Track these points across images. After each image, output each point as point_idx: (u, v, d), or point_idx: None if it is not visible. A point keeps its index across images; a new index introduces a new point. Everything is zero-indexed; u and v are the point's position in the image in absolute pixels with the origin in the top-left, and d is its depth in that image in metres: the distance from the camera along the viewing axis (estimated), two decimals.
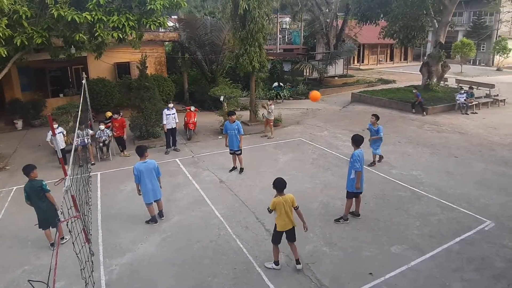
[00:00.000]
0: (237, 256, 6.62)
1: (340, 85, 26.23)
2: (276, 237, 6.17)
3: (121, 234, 7.45)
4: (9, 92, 17.53)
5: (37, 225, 6.96)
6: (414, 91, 19.58)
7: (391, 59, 43.50)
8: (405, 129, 14.95)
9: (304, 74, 26.00)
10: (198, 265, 6.43)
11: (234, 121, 10.25)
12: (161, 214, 8.05)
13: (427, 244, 6.84)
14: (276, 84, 22.54)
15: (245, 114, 16.13)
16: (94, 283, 4.07)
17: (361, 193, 7.69)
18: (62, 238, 7.19)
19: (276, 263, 6.27)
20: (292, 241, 6.19)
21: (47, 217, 6.89)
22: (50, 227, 7.04)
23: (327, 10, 29.71)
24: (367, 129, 10.99)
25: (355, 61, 39.85)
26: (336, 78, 27.59)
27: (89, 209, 7.48)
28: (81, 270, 4.00)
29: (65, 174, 3.69)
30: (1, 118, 17.01)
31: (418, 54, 44.28)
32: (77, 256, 4.00)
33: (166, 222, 7.93)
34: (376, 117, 10.58)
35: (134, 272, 6.31)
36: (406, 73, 33.58)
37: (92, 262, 4.52)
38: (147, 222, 7.87)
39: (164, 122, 12.29)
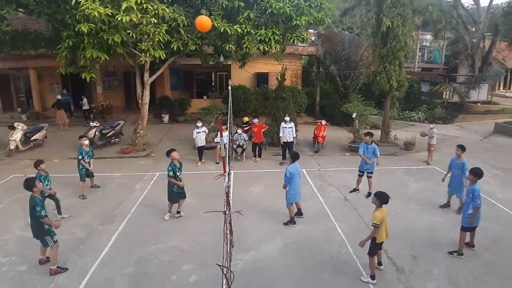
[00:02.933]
0: (355, 280, 6.43)
1: (482, 113, 23.26)
2: (375, 249, 6.31)
3: (248, 232, 7.93)
4: (160, 89, 20.40)
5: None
6: None
7: None
8: None
9: (443, 96, 23.83)
10: (317, 278, 6.44)
11: (371, 143, 9.94)
12: (300, 213, 8.55)
13: None
14: None
15: (376, 133, 15.54)
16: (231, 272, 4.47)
17: (476, 227, 7.12)
18: None
19: (373, 277, 6.27)
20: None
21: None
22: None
23: (473, 30, 26.74)
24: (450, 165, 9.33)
25: (501, 87, 34.77)
26: (479, 104, 24.52)
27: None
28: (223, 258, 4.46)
29: (225, 171, 4.13)
30: (151, 111, 19.89)
31: None
32: (226, 244, 4.45)
33: (290, 229, 8.17)
34: (462, 148, 9.05)
35: (255, 270, 6.66)
36: None
37: (231, 254, 4.94)
38: (286, 223, 8.30)
39: (281, 134, 12.65)
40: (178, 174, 8.41)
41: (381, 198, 6.14)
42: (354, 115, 14.56)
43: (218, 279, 6.26)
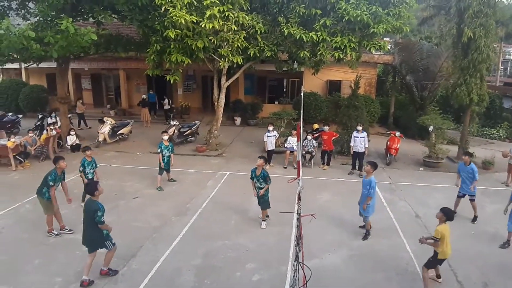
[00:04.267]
0: None
1: None
2: (434, 263, 6.29)
3: (312, 240, 7.94)
4: (234, 93, 21.18)
5: None
6: None
7: None
8: None
9: None
10: None
11: (470, 163, 9.09)
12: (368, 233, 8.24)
13: None
14: None
15: (452, 149, 14.57)
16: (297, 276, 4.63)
17: None
18: None
19: None
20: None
21: None
22: None
23: None
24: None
25: None
26: None
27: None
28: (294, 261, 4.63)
29: (298, 176, 4.30)
30: (224, 113, 20.71)
31: None
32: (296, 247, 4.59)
33: (356, 241, 8.08)
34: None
35: (316, 278, 6.65)
36: None
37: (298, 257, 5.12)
38: (364, 238, 8.13)
39: (352, 144, 12.36)
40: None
41: (447, 214, 6.08)
42: (430, 129, 13.79)
43: (280, 281, 6.48)
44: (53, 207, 7.72)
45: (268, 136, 12.84)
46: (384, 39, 25.19)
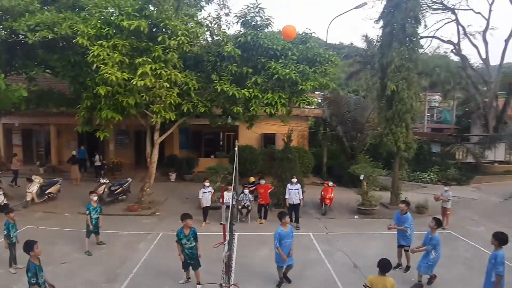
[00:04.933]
0: None
1: (501, 173, 22.63)
2: None
3: None
4: (169, 148, 20.82)
5: None
6: None
7: None
8: None
9: (456, 157, 23.55)
10: None
11: (406, 213, 9.15)
12: (288, 279, 8.23)
13: None
14: None
15: (385, 195, 15.27)
16: None
17: None
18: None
19: None
20: None
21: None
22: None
23: (484, 89, 26.92)
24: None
25: None
26: (496, 164, 23.99)
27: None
28: None
29: (224, 239, 4.10)
30: (158, 169, 20.08)
31: None
32: None
33: None
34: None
35: None
36: None
37: None
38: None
39: (287, 196, 12.48)
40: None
41: (381, 267, 6.04)
42: (361, 177, 14.43)
43: None
44: None
45: (203, 192, 12.49)
46: (315, 93, 26.99)
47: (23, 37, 11.82)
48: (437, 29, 32.68)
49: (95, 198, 10.27)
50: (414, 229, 9.24)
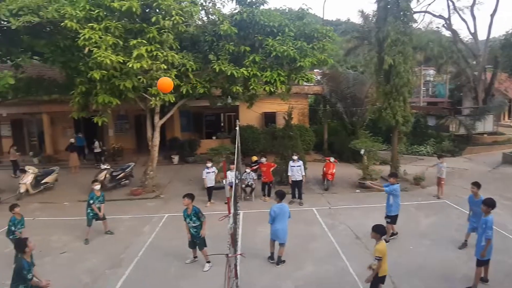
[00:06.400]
0: None
1: (490, 144, 23.17)
2: (377, 284, 6.28)
3: (255, 275, 7.75)
4: (170, 131, 20.76)
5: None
6: None
7: None
8: None
9: (450, 129, 23.85)
10: None
11: (394, 184, 9.35)
12: (279, 261, 8.18)
13: None
14: None
15: (386, 169, 15.40)
16: None
17: (489, 260, 7.05)
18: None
19: None
20: None
21: None
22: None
23: (474, 63, 27.22)
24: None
25: (506, 118, 34.76)
26: (485, 135, 24.42)
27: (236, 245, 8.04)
28: None
29: (229, 212, 4.14)
30: (161, 152, 20.14)
31: None
32: None
33: (301, 270, 7.99)
34: (478, 185, 8.77)
35: None
36: None
37: None
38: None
39: (289, 173, 12.53)
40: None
41: (379, 231, 6.23)
42: (362, 152, 14.54)
43: None
44: None
45: (207, 173, 12.57)
46: (314, 70, 26.83)
47: (5, 22, 11.22)
48: (429, 4, 32.59)
49: (98, 187, 10.07)
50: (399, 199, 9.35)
